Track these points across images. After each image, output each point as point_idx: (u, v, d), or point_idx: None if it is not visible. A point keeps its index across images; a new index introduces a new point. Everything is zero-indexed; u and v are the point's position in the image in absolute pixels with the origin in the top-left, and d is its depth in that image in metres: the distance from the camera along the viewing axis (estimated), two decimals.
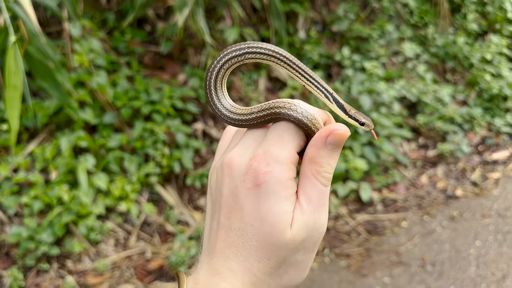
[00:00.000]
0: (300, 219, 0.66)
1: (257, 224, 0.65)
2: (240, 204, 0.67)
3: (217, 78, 0.77)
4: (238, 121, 0.74)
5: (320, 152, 0.68)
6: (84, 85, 3.53)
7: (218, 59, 0.75)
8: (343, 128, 0.68)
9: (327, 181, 0.69)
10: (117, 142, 3.45)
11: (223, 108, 0.77)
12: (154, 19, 4.39)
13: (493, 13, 6.04)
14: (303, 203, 0.67)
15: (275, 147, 0.66)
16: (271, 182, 0.65)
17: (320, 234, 0.69)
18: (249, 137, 0.72)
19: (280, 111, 0.69)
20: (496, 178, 4.05)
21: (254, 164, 0.66)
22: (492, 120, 4.75)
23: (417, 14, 5.65)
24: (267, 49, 0.75)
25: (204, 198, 3.65)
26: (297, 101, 0.71)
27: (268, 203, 0.65)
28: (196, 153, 3.83)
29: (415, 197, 3.91)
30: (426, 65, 5.18)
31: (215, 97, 0.78)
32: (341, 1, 5.45)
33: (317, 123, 0.70)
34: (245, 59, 0.76)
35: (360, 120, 0.78)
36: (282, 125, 0.69)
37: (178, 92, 3.85)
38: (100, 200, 3.26)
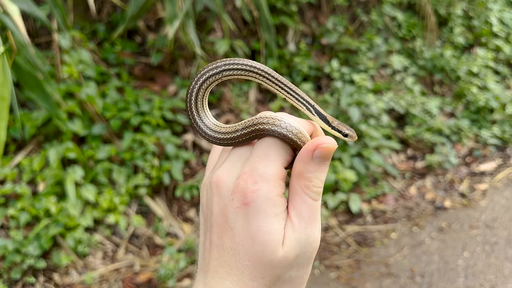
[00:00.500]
0: (292, 236, 0.65)
1: (248, 243, 0.64)
2: (230, 223, 0.66)
3: (198, 98, 0.76)
4: (223, 140, 0.74)
5: (308, 167, 0.67)
6: (73, 96, 3.52)
7: (196, 79, 0.75)
8: (330, 141, 0.67)
9: (317, 195, 0.68)
10: (105, 153, 3.43)
11: (206, 128, 0.76)
12: (144, 31, 4.40)
13: (478, 27, 6.15)
14: (294, 219, 0.66)
15: (262, 165, 0.66)
16: (259, 201, 0.64)
17: (314, 249, 0.68)
18: (235, 155, 0.72)
19: (264, 127, 0.68)
20: (484, 189, 4.09)
21: (241, 183, 0.65)
22: (479, 132, 4.81)
23: (405, 27, 5.74)
24: (244, 65, 0.75)
25: (193, 210, 3.63)
26: (281, 115, 0.70)
27: (258, 222, 0.64)
28: (186, 164, 3.82)
29: (404, 208, 3.93)
30: (414, 78, 5.25)
31: (197, 118, 0.77)
32: (330, 14, 5.51)
33: (303, 136, 0.69)
34: (223, 77, 0.75)
35: (344, 131, 0.78)
36: (267, 141, 0.68)
37: (168, 103, 3.85)
38: (88, 212, 3.23)
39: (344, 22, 5.34)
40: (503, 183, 4.17)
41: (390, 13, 5.63)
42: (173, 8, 3.23)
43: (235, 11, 4.69)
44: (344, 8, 5.65)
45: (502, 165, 4.46)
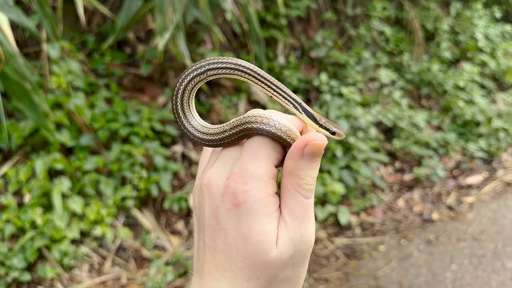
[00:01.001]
0: (285, 235, 0.64)
1: (241, 245, 0.64)
2: (222, 225, 0.65)
3: (183, 100, 0.75)
4: (211, 141, 0.73)
5: (299, 164, 0.66)
6: (61, 106, 3.49)
7: (181, 80, 0.73)
8: (320, 137, 0.66)
9: (309, 192, 0.67)
10: (93, 164, 3.40)
11: (193, 130, 0.75)
12: (134, 42, 4.40)
13: (464, 42, 6.26)
14: (287, 218, 0.65)
15: (251, 164, 0.65)
16: (250, 201, 0.63)
17: (308, 248, 0.67)
18: (225, 155, 0.71)
19: (252, 126, 0.67)
20: (471, 202, 4.13)
21: (231, 184, 0.64)
22: (466, 145, 4.87)
23: (392, 41, 5.82)
24: (229, 63, 0.74)
25: (182, 222, 3.60)
26: (269, 112, 0.69)
27: (250, 223, 0.63)
28: (175, 176, 3.80)
29: (392, 220, 3.94)
30: (402, 91, 5.31)
31: (184, 120, 0.76)
32: (319, 28, 5.57)
33: (292, 134, 0.68)
34: (208, 76, 0.74)
35: (331, 129, 0.77)
36: (257, 140, 0.67)
37: (158, 114, 3.84)
38: (75, 224, 3.18)
39: (332, 36, 5.40)
40: (490, 196, 4.21)
41: (378, 28, 5.71)
42: (163, 20, 3.24)
43: (225, 23, 4.72)
44: (333, 22, 5.72)
45: (488, 178, 4.51)
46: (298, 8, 5.19)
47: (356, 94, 4.76)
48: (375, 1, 5.86)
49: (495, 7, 7.05)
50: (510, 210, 3.97)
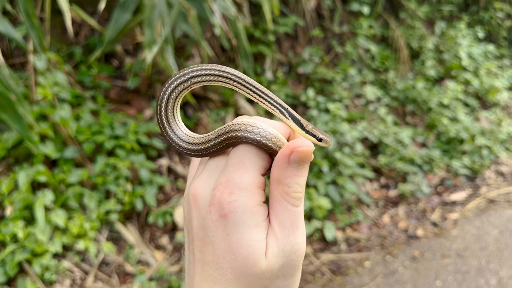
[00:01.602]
0: (275, 246, 0.63)
1: (229, 257, 0.62)
2: (210, 236, 0.64)
3: (167, 109, 0.73)
4: (196, 151, 0.71)
5: (286, 172, 0.65)
6: (46, 118, 3.45)
7: (164, 89, 0.72)
8: (306, 143, 0.64)
9: (298, 201, 0.66)
10: (77, 177, 3.35)
11: (178, 140, 0.74)
12: (122, 55, 4.39)
13: (449, 60, 6.39)
14: (276, 228, 0.64)
15: (237, 174, 0.64)
16: (237, 212, 0.62)
17: (299, 257, 0.66)
18: (211, 165, 0.70)
19: (236, 134, 0.66)
20: (455, 219, 4.16)
21: (217, 194, 0.63)
22: (450, 162, 4.93)
23: (378, 59, 5.91)
24: (213, 70, 0.72)
25: (166, 237, 3.56)
26: (254, 119, 0.68)
27: (237, 234, 0.62)
28: (160, 189, 3.77)
29: (378, 236, 3.95)
30: (387, 108, 5.37)
31: (168, 129, 0.74)
32: (307, 45, 5.64)
33: (278, 141, 0.66)
34: (192, 84, 0.72)
35: (318, 135, 0.75)
36: (242, 149, 0.66)
37: (144, 127, 3.82)
38: (57, 237, 3.13)
39: (319, 53, 5.47)
40: (473, 213, 4.26)
41: (364, 46, 5.80)
42: (152, 34, 3.25)
43: (214, 38, 4.75)
44: (320, 39, 5.79)
45: (472, 195, 4.56)
46: (286, 24, 5.25)
47: (342, 110, 4.80)
48: (362, 19, 5.96)
49: (478, 27, 7.22)
50: (493, 227, 4.02)
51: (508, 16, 7.90)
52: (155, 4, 3.20)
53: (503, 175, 4.99)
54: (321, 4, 5.93)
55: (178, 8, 3.28)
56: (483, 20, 7.61)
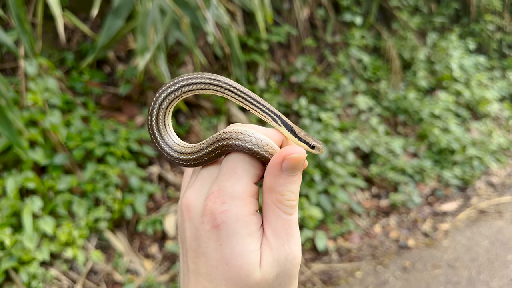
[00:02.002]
0: (269, 256, 0.62)
1: (223, 268, 0.61)
2: (203, 247, 0.63)
3: (159, 119, 0.73)
4: (188, 161, 0.71)
5: (278, 180, 0.64)
6: (36, 124, 3.42)
7: (155, 99, 0.72)
8: (298, 150, 0.63)
9: (291, 209, 0.65)
10: (66, 184, 3.31)
11: (170, 149, 0.73)
12: (114, 61, 4.37)
13: (440, 71, 6.44)
14: (270, 237, 0.63)
15: (229, 183, 0.63)
16: (230, 222, 0.61)
17: (294, 266, 0.64)
18: (203, 174, 0.69)
19: (228, 142, 0.65)
20: (446, 229, 4.17)
21: (209, 204, 0.62)
22: (441, 173, 4.95)
23: (370, 69, 5.95)
24: (203, 78, 0.72)
25: (156, 246, 3.52)
26: (246, 127, 0.67)
27: (230, 245, 0.61)
28: (150, 197, 3.73)
29: (369, 246, 3.94)
30: (379, 118, 5.39)
31: (160, 139, 0.74)
32: (299, 54, 5.66)
33: (270, 148, 0.65)
34: (183, 93, 0.72)
35: (310, 143, 0.75)
36: (234, 158, 0.65)
37: (135, 134, 3.79)
38: (45, 245, 3.08)
39: (312, 62, 5.49)
40: (464, 223, 4.27)
41: (356, 56, 5.83)
42: (144, 41, 3.24)
43: (207, 46, 4.75)
44: (313, 49, 5.82)
45: (463, 206, 4.58)
46: (279, 34, 5.27)
47: (335, 119, 4.81)
48: (354, 30, 6.00)
49: (469, 39, 7.30)
50: (483, 237, 4.03)
51: (498, 29, 8.00)
52: (148, 11, 3.20)
53: (493, 186, 5.01)
54: (314, 14, 5.97)
55: (171, 15, 3.27)
56: (474, 32, 7.70)
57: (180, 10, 3.26)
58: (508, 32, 8.09)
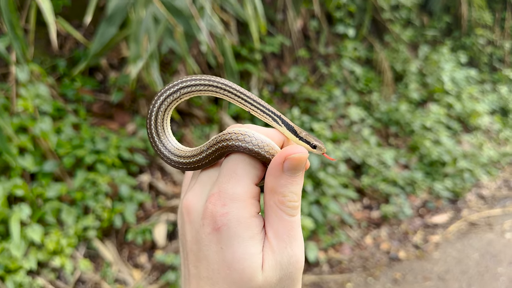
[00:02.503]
0: (272, 258, 0.61)
1: (225, 272, 0.60)
2: (204, 251, 0.62)
3: (157, 122, 0.72)
4: (188, 164, 0.69)
5: (280, 181, 0.62)
6: (26, 131, 3.38)
7: (154, 102, 0.71)
8: (300, 150, 0.62)
9: (293, 210, 0.63)
10: (56, 192, 3.28)
11: (169, 153, 0.72)
12: (106, 68, 4.36)
13: (432, 84, 6.50)
14: (272, 240, 0.62)
15: (229, 184, 0.62)
16: (230, 225, 0.60)
17: (298, 269, 0.63)
18: (204, 176, 0.68)
19: (227, 143, 0.64)
20: (436, 241, 4.17)
21: (209, 207, 0.61)
22: (432, 184, 4.97)
23: (362, 81, 5.98)
24: (202, 79, 0.71)
25: (145, 255, 3.48)
26: (246, 127, 0.66)
27: (232, 248, 0.60)
28: (140, 206, 3.70)
29: (360, 258, 3.93)
30: (371, 129, 5.42)
31: (158, 143, 0.73)
32: (292, 64, 5.68)
33: (271, 149, 0.64)
34: (182, 95, 0.71)
35: (312, 142, 0.74)
36: (234, 159, 0.64)
37: (126, 142, 3.76)
38: (32, 254, 3.03)
39: (305, 73, 5.51)
40: (455, 236, 4.28)
41: (349, 67, 5.87)
42: (137, 48, 3.23)
43: (200, 55, 4.75)
44: (306, 59, 5.85)
45: (453, 218, 4.59)
46: (272, 44, 5.29)
47: (327, 130, 4.82)
48: (347, 42, 6.04)
49: (460, 52, 7.39)
50: (474, 250, 4.03)
51: (489, 43, 8.11)
52: (142, 19, 3.19)
53: (483, 198, 5.04)
54: (307, 25, 6.01)
55: (165, 24, 3.28)
56: (465, 45, 7.80)
57: (174, 19, 3.26)
58: (499, 46, 8.20)
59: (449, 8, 7.92)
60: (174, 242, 3.57)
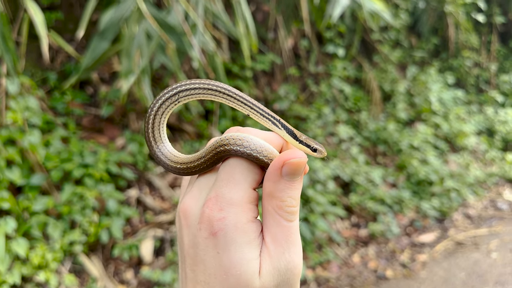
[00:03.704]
0: (269, 264, 0.60)
1: (221, 277, 0.59)
2: (201, 255, 0.61)
3: (154, 126, 0.72)
4: (186, 170, 0.69)
5: (278, 186, 0.62)
6: (14, 143, 3.36)
7: (152, 105, 0.70)
8: (298, 154, 0.62)
9: (292, 215, 0.63)
10: (42, 205, 3.24)
11: (166, 158, 0.71)
12: (97, 82, 4.36)
13: (419, 104, 6.60)
14: (270, 245, 0.61)
15: (227, 189, 0.61)
16: (227, 230, 0.59)
17: (295, 275, 0.62)
18: (202, 180, 0.67)
19: (225, 148, 0.64)
20: (423, 261, 4.19)
21: (206, 211, 0.61)
22: (419, 204, 5.00)
23: (351, 100, 6.05)
24: (201, 83, 0.71)
25: (131, 271, 3.44)
26: (246, 131, 0.65)
27: (229, 253, 0.59)
28: (128, 221, 3.67)
29: (347, 276, 3.92)
30: (359, 147, 5.46)
31: (155, 147, 0.72)
32: (283, 82, 5.74)
33: (269, 153, 0.64)
34: (180, 98, 0.70)
35: (312, 146, 0.73)
36: (232, 163, 0.64)
37: (115, 156, 3.75)
38: (17, 268, 2.98)
39: (295, 91, 5.56)
40: (442, 255, 4.30)
41: (338, 86, 5.94)
42: (129, 64, 3.25)
43: (192, 71, 4.79)
44: (296, 78, 5.91)
45: (440, 237, 4.62)
46: (263, 62, 5.35)
47: None
48: (336, 61, 6.13)
49: (447, 73, 7.52)
50: (460, 269, 4.05)
51: (475, 65, 8.28)
52: (134, 35, 3.22)
53: (470, 218, 5.08)
54: (298, 44, 6.09)
55: (157, 40, 3.30)
56: (452, 67, 7.95)
57: (166, 35, 3.29)
58: (485, 68, 8.37)
59: (437, 30, 8.09)
60: (161, 258, 3.54)
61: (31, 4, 3.03)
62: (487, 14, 8.25)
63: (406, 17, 7.13)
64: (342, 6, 4.29)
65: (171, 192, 3.98)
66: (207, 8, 3.75)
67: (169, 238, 3.62)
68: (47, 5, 4.27)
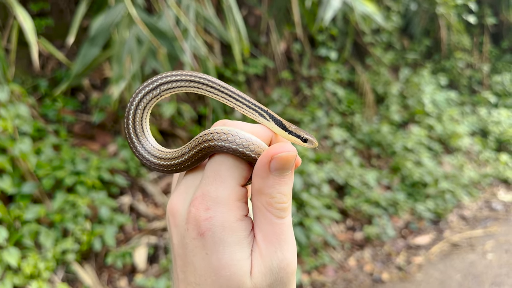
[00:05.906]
0: (260, 263, 0.58)
1: (211, 278, 0.57)
2: (190, 256, 0.59)
3: (135, 121, 0.68)
4: (169, 167, 0.65)
5: (267, 182, 0.59)
6: (5, 151, 3.32)
7: (131, 99, 0.66)
8: (287, 148, 0.59)
9: (282, 212, 0.60)
10: (34, 214, 3.20)
11: (148, 155, 0.68)
12: (88, 89, 4.33)
13: (413, 106, 6.61)
14: (261, 243, 0.59)
15: (213, 187, 0.59)
16: (215, 229, 0.57)
17: (289, 273, 0.60)
18: (189, 178, 0.65)
19: (210, 144, 0.60)
20: (419, 263, 4.18)
21: (193, 211, 0.58)
22: (414, 205, 5.00)
23: (345, 102, 6.06)
24: (183, 75, 0.67)
25: (125, 279, 3.40)
26: (232, 124, 0.63)
27: (217, 254, 0.57)
28: (121, 229, 3.64)
29: (343, 280, 3.90)
30: (353, 150, 5.46)
31: (137, 144, 0.68)
32: (276, 86, 5.73)
33: (257, 147, 0.61)
34: (162, 92, 0.67)
35: (302, 136, 0.70)
36: (217, 159, 0.61)
37: (107, 163, 3.72)
38: (8, 278, 2.94)
39: (288, 94, 5.56)
40: (437, 257, 4.29)
41: (331, 89, 5.94)
42: (120, 69, 3.22)
43: None
44: (289, 81, 5.91)
45: (436, 239, 4.61)
46: (256, 66, 5.34)
47: (310, 150, 4.84)
48: (329, 64, 6.13)
49: (440, 75, 7.55)
50: (456, 271, 4.04)
51: (468, 66, 8.32)
52: (125, 40, 3.20)
53: (465, 219, 5.08)
54: (291, 48, 6.09)
55: (148, 45, 3.28)
56: (445, 68, 7.98)
57: (157, 40, 3.27)
58: (477, 69, 8.42)
59: (429, 32, 8.12)
60: (155, 265, 3.50)
61: (21, 11, 3.00)
62: (479, 15, 8.29)
63: (398, 19, 7.16)
64: (334, 9, 4.29)
65: (164, 198, 3.95)
66: (198, 13, 3.74)
67: (163, 245, 3.59)
68: (37, 12, 4.24)
